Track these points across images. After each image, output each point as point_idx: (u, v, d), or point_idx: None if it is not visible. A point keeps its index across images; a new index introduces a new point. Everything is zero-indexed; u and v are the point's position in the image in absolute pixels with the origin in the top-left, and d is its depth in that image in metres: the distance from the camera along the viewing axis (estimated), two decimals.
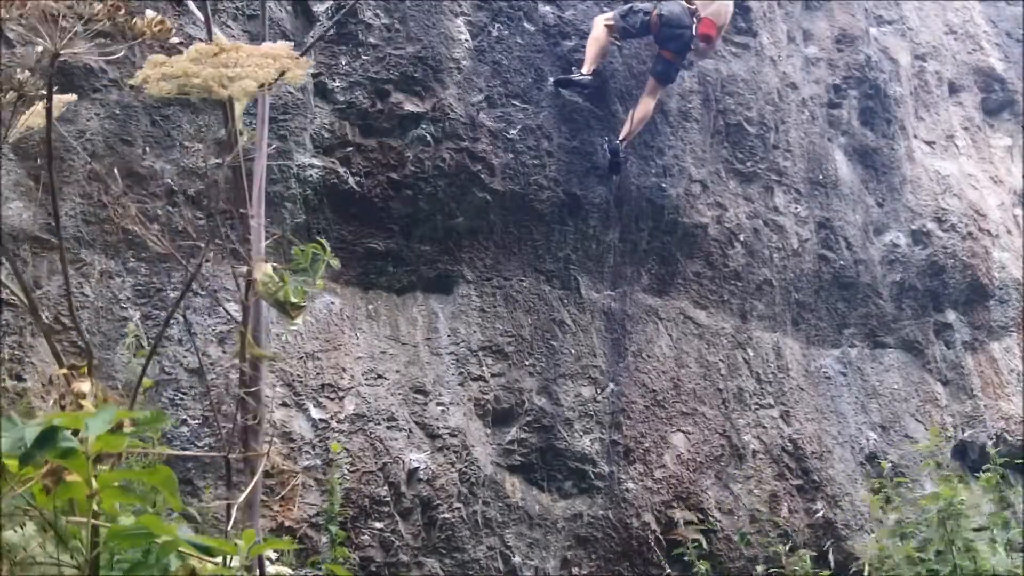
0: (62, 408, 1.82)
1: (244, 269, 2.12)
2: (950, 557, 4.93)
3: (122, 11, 1.92)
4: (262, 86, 1.91)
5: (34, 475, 1.57)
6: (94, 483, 1.56)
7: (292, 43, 2.13)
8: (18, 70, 1.94)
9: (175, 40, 2.10)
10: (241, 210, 2.20)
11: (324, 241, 2.33)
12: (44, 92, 1.92)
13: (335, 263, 2.28)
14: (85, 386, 1.82)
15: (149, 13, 2.00)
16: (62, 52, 1.82)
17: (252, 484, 1.98)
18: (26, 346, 4.38)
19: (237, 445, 2.09)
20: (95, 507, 1.57)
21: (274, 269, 2.11)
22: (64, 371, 1.83)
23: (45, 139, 1.87)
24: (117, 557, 1.65)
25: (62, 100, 2.03)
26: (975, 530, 5.23)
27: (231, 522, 1.95)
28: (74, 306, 4.71)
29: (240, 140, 2.10)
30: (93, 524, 1.59)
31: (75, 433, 1.53)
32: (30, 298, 1.93)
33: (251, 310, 2.11)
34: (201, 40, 2.05)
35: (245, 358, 2.10)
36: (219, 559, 1.68)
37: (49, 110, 1.90)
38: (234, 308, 2.18)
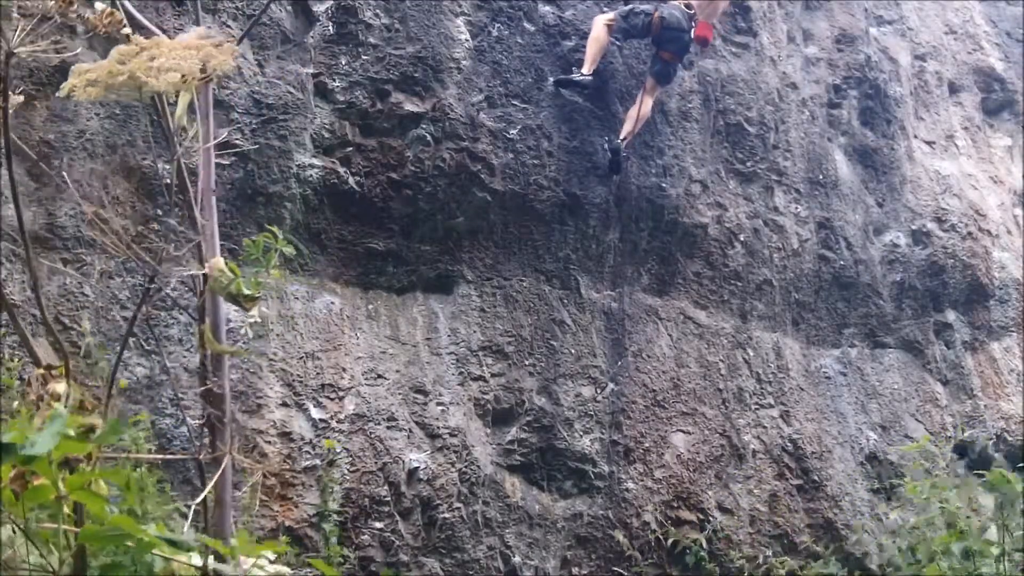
0: (37, 408, 1.82)
1: (197, 266, 2.11)
2: (948, 562, 4.93)
3: (73, 6, 1.92)
4: (198, 77, 1.89)
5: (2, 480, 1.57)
6: (62, 486, 1.55)
7: (214, 30, 2.11)
8: None
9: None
10: (187, 208, 2.18)
11: (276, 230, 2.30)
12: None
13: (288, 250, 2.26)
14: (60, 387, 1.82)
15: (98, 6, 1.99)
16: (16, 50, 1.81)
17: (213, 482, 1.97)
18: (24, 345, 4.37)
19: (207, 445, 2.08)
20: (67, 510, 1.57)
21: (225, 263, 2.10)
22: (40, 371, 1.83)
23: (4, 137, 1.86)
24: (101, 559, 1.64)
25: (12, 101, 2.01)
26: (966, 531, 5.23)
27: (189, 520, 1.93)
28: (74, 307, 4.71)
29: (173, 133, 2.08)
30: (65, 528, 1.59)
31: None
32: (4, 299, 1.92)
33: (208, 306, 2.10)
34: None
35: (205, 354, 2.09)
36: (197, 558, 1.67)
37: (5, 109, 1.90)
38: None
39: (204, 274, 2.11)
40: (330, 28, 5.90)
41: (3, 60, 1.83)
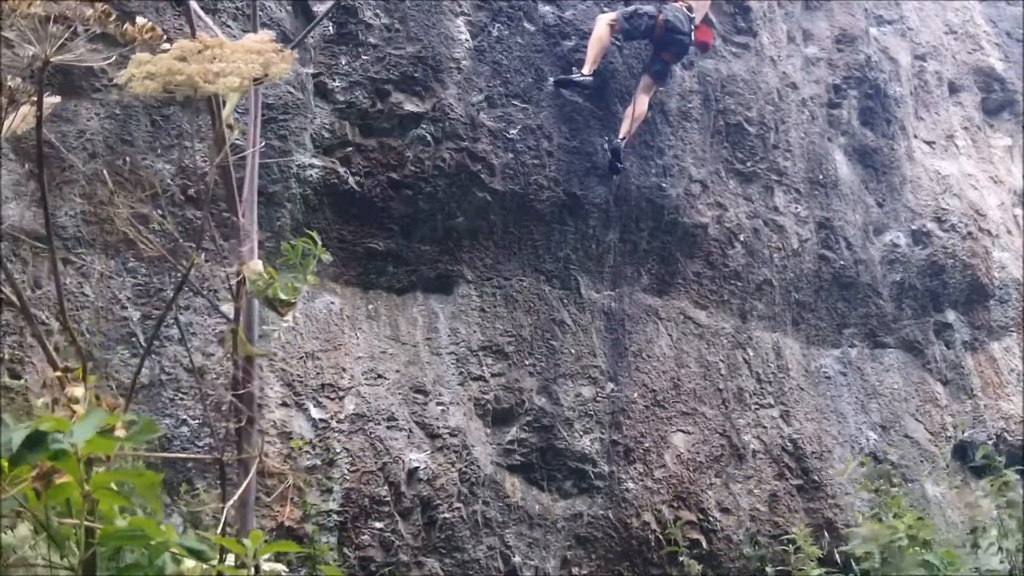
0: (54, 411, 1.82)
1: (234, 268, 2.11)
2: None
3: (112, 17, 1.91)
4: (253, 81, 1.89)
5: (25, 477, 1.57)
6: (87, 485, 1.56)
7: (274, 34, 2.11)
8: (9, 77, 1.94)
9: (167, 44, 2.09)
10: (230, 210, 2.19)
11: (315, 235, 2.31)
12: (35, 97, 1.92)
13: (326, 258, 2.26)
14: (79, 390, 1.82)
15: (139, 20, 1.99)
16: (52, 59, 1.82)
17: (244, 485, 1.97)
18: (26, 346, 4.38)
19: (230, 447, 2.09)
20: (89, 509, 1.57)
21: (264, 267, 2.11)
22: (58, 374, 1.83)
23: (36, 143, 1.86)
24: (116, 560, 1.65)
25: (48, 103, 2.02)
26: (971, 532, 5.22)
27: (221, 524, 1.94)
28: (74, 307, 4.71)
29: (229, 138, 2.08)
30: (87, 525, 1.59)
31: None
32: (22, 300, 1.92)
33: (243, 309, 2.11)
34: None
35: (237, 357, 2.10)
36: (214, 561, 1.68)
37: (39, 117, 1.90)
38: (228, 308, 2.17)
39: (241, 277, 2.12)
40: (330, 28, 5.90)
41: (39, 68, 1.83)
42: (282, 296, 2.10)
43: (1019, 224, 10.11)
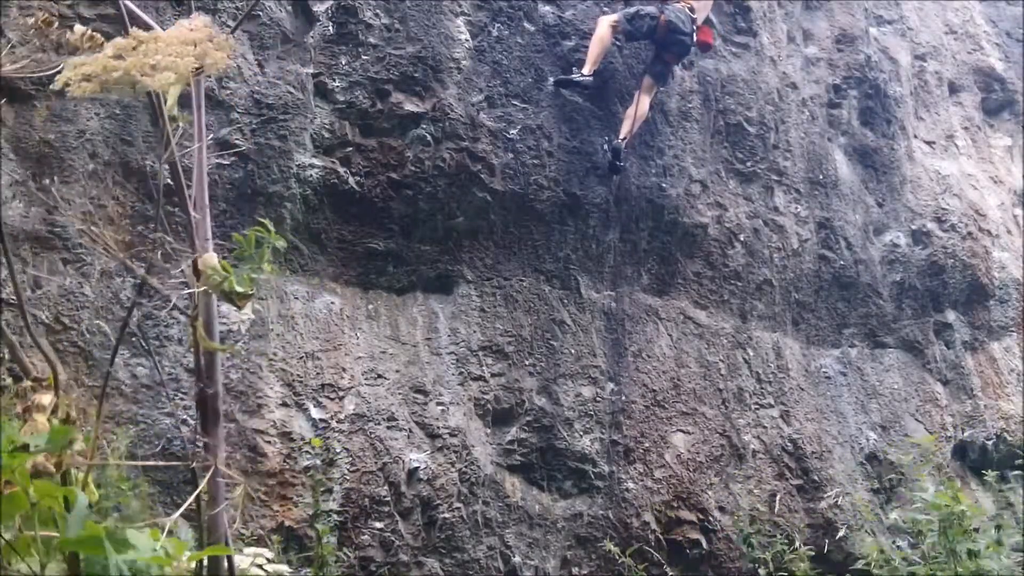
0: (24, 420, 1.82)
1: (188, 263, 2.09)
2: (951, 564, 4.92)
3: (54, 25, 1.90)
4: (195, 71, 1.87)
5: None
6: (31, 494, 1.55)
7: (208, 18, 2.06)
8: None
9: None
10: (180, 204, 2.15)
11: (268, 223, 2.26)
12: None
13: (280, 244, 2.22)
14: (46, 399, 1.81)
15: (78, 28, 1.97)
16: (4, 69, 1.80)
17: (199, 490, 1.95)
18: (26, 346, 4.37)
19: (199, 451, 2.06)
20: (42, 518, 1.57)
21: (218, 260, 2.08)
22: (29, 383, 1.82)
23: None
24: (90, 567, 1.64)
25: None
26: (974, 530, 5.22)
27: (165, 527, 1.92)
28: (74, 307, 4.71)
29: (171, 132, 2.05)
30: (44, 534, 1.59)
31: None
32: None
33: (201, 303, 2.08)
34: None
35: (199, 352, 2.07)
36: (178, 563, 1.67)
37: None
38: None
39: (197, 271, 2.08)
40: (330, 28, 5.90)
41: None
42: (238, 288, 2.06)
43: (1019, 224, 10.11)
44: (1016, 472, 7.48)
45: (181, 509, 1.98)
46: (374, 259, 5.95)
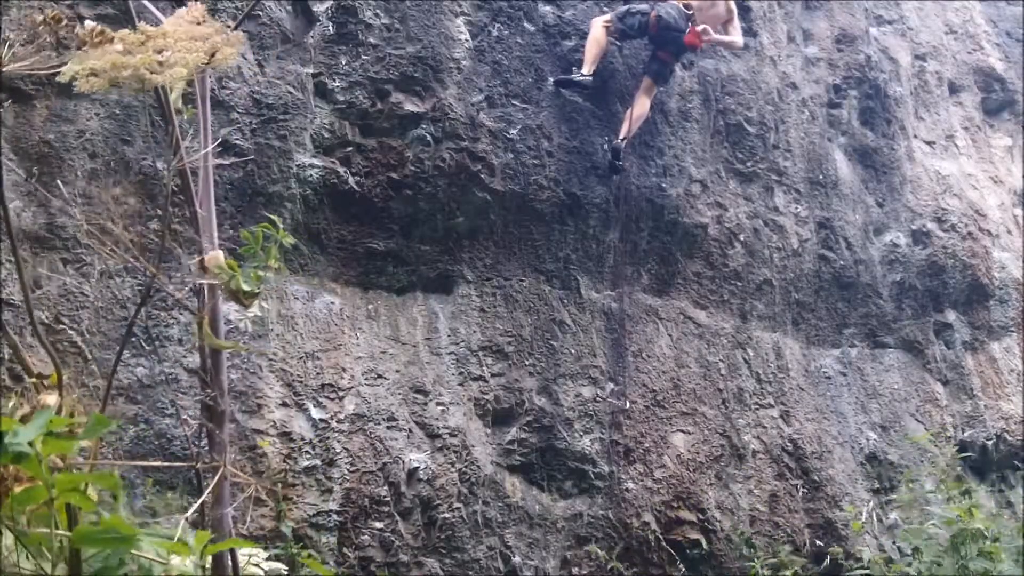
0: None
1: (196, 261, 2.08)
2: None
3: (62, 23, 1.88)
4: (200, 67, 1.85)
5: None
6: (53, 489, 1.54)
7: (203, 7, 2.05)
8: None
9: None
10: (187, 201, 2.14)
11: (276, 219, 2.25)
12: None
13: (288, 240, 2.21)
14: (51, 398, 1.81)
15: (88, 23, 1.95)
16: (5, 68, 1.79)
17: (208, 491, 1.94)
18: (26, 346, 4.37)
19: (204, 452, 2.05)
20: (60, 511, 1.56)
21: (225, 258, 2.07)
22: (33, 381, 1.81)
23: None
24: (94, 563, 1.63)
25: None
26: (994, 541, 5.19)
27: (183, 527, 1.91)
28: (74, 307, 4.71)
29: (177, 127, 2.04)
30: (58, 533, 1.58)
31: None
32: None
33: (207, 301, 2.07)
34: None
35: (204, 349, 2.06)
36: (183, 560, 1.66)
37: None
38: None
39: (203, 269, 2.07)
40: (330, 28, 5.90)
41: None
42: (245, 287, 2.05)
43: (1019, 224, 10.11)
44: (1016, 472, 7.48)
45: (192, 508, 1.98)
46: (374, 259, 5.94)
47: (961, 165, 9.85)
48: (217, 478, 1.98)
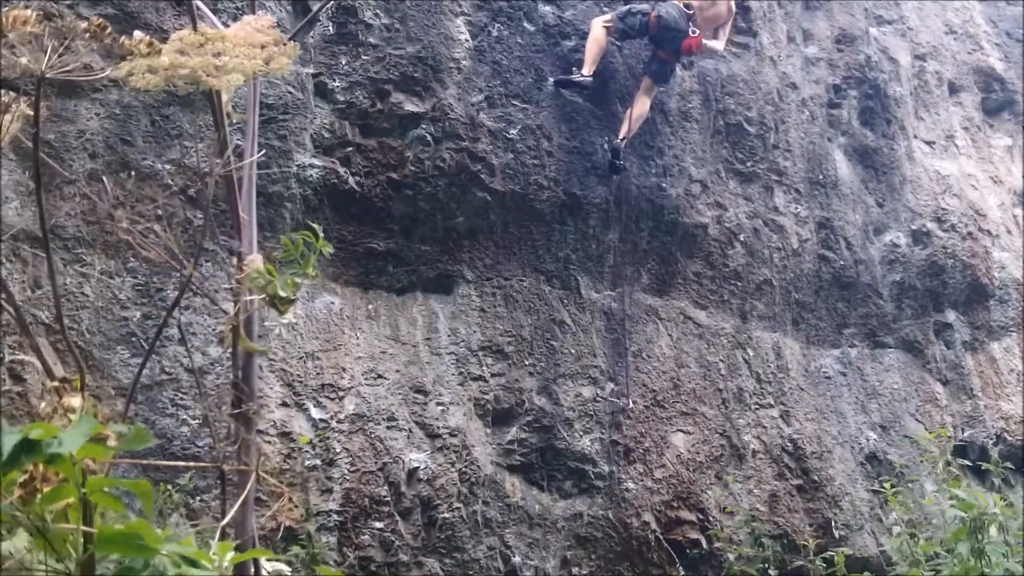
0: (53, 420, 1.81)
1: (235, 265, 2.08)
2: (978, 565, 4.88)
3: (108, 31, 1.89)
4: (248, 77, 1.87)
5: (11, 485, 1.56)
6: (83, 489, 1.55)
7: (274, 19, 2.08)
8: (2, 92, 1.94)
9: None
10: (231, 206, 2.15)
11: (317, 227, 2.26)
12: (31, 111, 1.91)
13: (328, 250, 2.22)
14: (75, 401, 1.81)
15: (137, 34, 1.97)
16: (48, 74, 1.80)
17: (245, 492, 1.94)
18: (26, 346, 4.38)
19: (231, 454, 2.05)
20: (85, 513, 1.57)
21: (264, 263, 2.08)
22: (56, 384, 1.82)
23: (33, 153, 1.85)
24: (111, 566, 1.64)
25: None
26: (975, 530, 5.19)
27: (219, 529, 1.92)
28: (74, 307, 4.71)
29: (227, 131, 2.05)
30: (84, 530, 1.58)
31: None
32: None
33: (243, 305, 2.07)
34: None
35: (237, 354, 2.06)
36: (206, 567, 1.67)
37: (36, 134, 1.89)
38: (229, 307, 2.13)
39: (241, 272, 2.08)
40: (330, 28, 5.90)
41: (35, 83, 1.82)
42: (282, 293, 2.06)
43: (1019, 224, 10.11)
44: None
45: (229, 515, 1.97)
46: (374, 259, 5.94)
47: (961, 165, 9.85)
48: (250, 484, 1.97)
